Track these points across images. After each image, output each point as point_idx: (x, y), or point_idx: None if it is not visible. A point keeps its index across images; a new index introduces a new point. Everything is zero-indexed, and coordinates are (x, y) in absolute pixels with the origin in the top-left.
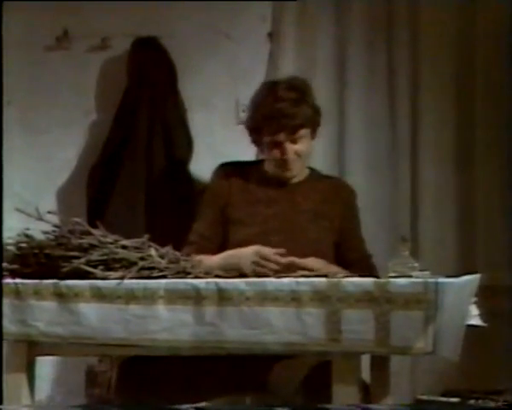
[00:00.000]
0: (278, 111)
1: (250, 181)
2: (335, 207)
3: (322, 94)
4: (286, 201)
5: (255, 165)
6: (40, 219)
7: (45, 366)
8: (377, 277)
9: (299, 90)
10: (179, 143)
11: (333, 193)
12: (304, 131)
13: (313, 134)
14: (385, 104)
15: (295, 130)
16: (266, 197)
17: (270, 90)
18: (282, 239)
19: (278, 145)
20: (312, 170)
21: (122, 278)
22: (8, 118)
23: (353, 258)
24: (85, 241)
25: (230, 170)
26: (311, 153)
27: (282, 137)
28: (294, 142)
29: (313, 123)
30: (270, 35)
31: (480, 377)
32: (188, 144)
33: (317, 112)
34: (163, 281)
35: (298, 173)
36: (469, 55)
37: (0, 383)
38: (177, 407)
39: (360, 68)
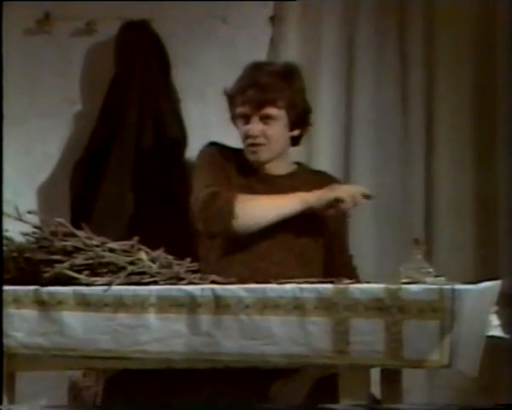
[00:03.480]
0: (251, 79)
1: (235, 170)
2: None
3: (328, 83)
4: (272, 193)
5: (241, 155)
6: (19, 219)
7: (25, 380)
8: (358, 277)
9: (284, 68)
10: (172, 135)
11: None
12: (275, 111)
13: (292, 125)
14: (396, 94)
15: (264, 104)
16: (254, 190)
17: (254, 64)
18: (268, 235)
19: (246, 119)
20: (300, 164)
21: (109, 284)
22: None
23: (343, 261)
24: (69, 243)
25: (221, 152)
26: (285, 145)
27: (249, 109)
28: (264, 121)
29: (291, 108)
30: (272, 19)
31: (501, 392)
32: (181, 137)
33: (300, 99)
34: (154, 287)
35: (267, 160)
36: (489, 41)
37: (0, 383)
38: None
39: (369, 55)
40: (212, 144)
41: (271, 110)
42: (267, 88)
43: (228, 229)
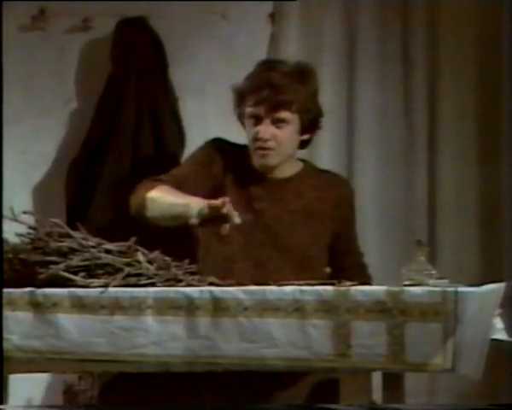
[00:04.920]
0: (265, 79)
1: (240, 170)
2: (331, 207)
3: (329, 82)
4: (274, 198)
5: (246, 152)
6: (14, 219)
7: (18, 383)
8: (369, 276)
9: (299, 68)
10: (170, 135)
11: (328, 190)
12: (289, 115)
13: (303, 130)
14: (399, 93)
15: (278, 106)
16: (254, 192)
17: (267, 62)
18: (267, 240)
19: (257, 121)
20: (305, 163)
21: (106, 285)
22: None
23: (352, 262)
24: (65, 244)
25: (226, 151)
26: (294, 150)
27: (261, 110)
28: (276, 124)
29: (304, 113)
30: (272, 16)
31: (505, 397)
32: (179, 136)
33: (313, 104)
34: (152, 289)
35: (275, 165)
36: (493, 39)
37: (0, 383)
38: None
39: (371, 53)
40: (215, 141)
41: (285, 114)
42: (283, 90)
43: (140, 217)
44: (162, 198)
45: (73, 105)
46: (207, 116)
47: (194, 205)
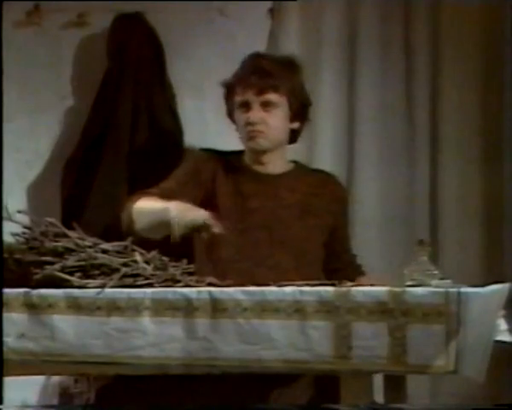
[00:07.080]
0: (253, 66)
1: (231, 172)
2: (325, 203)
3: (330, 77)
4: (268, 195)
5: (236, 155)
6: (9, 219)
7: (13, 386)
8: (365, 275)
9: (286, 59)
10: (167, 132)
11: (322, 188)
12: (277, 98)
13: (292, 116)
14: (401, 89)
15: (266, 89)
16: (247, 191)
17: (255, 53)
18: (265, 237)
19: (247, 108)
20: (297, 164)
21: (102, 286)
22: None
23: (347, 261)
24: (60, 244)
25: (214, 157)
26: (284, 137)
27: (250, 94)
28: (265, 108)
29: (292, 96)
30: (271, 11)
31: (508, 399)
32: (177, 134)
33: (301, 90)
34: (149, 290)
35: (265, 148)
36: (496, 37)
37: (0, 383)
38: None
39: (373, 49)
40: (202, 150)
41: (273, 96)
42: (270, 74)
43: (132, 232)
44: (145, 206)
45: (69, 102)
46: (205, 113)
47: (172, 208)
